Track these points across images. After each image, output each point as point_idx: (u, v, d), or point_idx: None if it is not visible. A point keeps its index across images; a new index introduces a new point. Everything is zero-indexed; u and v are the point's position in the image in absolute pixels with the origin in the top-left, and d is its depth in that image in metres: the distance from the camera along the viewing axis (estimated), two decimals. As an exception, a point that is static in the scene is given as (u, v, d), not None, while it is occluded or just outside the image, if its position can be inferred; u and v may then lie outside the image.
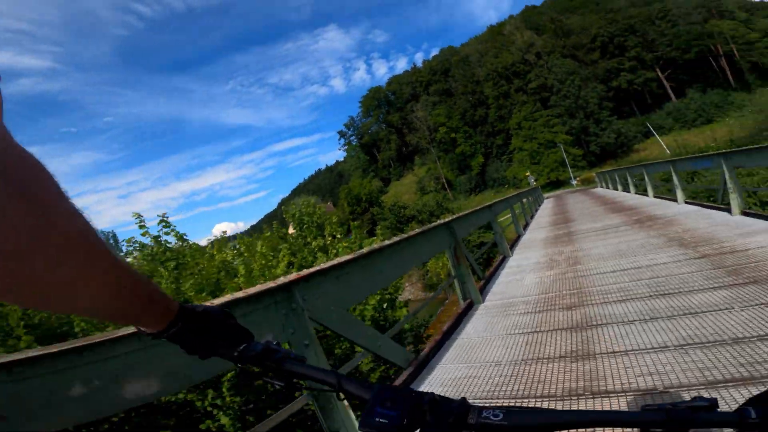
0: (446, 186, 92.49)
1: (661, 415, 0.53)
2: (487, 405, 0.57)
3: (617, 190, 20.68)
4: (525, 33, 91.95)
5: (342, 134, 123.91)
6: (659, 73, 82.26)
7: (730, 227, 5.74)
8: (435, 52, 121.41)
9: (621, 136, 71.95)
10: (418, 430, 0.54)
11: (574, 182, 58.43)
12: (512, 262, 7.58)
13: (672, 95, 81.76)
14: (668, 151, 60.94)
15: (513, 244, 9.92)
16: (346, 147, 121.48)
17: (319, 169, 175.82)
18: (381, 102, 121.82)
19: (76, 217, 0.35)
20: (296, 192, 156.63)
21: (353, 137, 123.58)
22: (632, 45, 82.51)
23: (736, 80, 79.04)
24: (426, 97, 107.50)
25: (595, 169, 65.63)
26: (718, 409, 0.53)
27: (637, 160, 49.76)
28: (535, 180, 69.75)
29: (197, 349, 0.69)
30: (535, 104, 79.35)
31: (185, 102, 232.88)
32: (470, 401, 0.57)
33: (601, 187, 27.03)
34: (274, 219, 41.11)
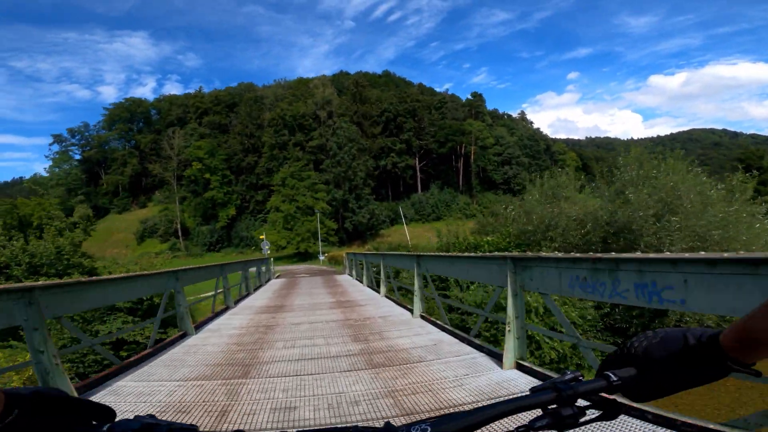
0: (179, 233, 69.38)
1: (549, 393, 0.58)
2: (410, 421, 0.56)
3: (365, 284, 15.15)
4: (328, 89, 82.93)
5: (59, 139, 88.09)
6: (417, 163, 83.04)
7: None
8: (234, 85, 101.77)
9: (373, 218, 66.64)
10: None
11: (322, 257, 45.23)
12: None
13: (419, 187, 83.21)
14: (409, 241, 54.73)
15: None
16: (56, 155, 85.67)
17: (21, 178, 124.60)
18: (136, 117, 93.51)
19: None
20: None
21: (75, 147, 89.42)
22: (408, 128, 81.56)
23: (464, 184, 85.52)
24: (195, 126, 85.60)
25: (344, 248, 56.22)
26: (583, 379, 0.60)
27: (384, 246, 41.35)
28: (269, 248, 54.94)
29: None
30: (308, 164, 67.36)
31: None
32: (390, 421, 0.54)
33: (349, 274, 21.18)
34: None
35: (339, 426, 0.55)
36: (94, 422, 0.60)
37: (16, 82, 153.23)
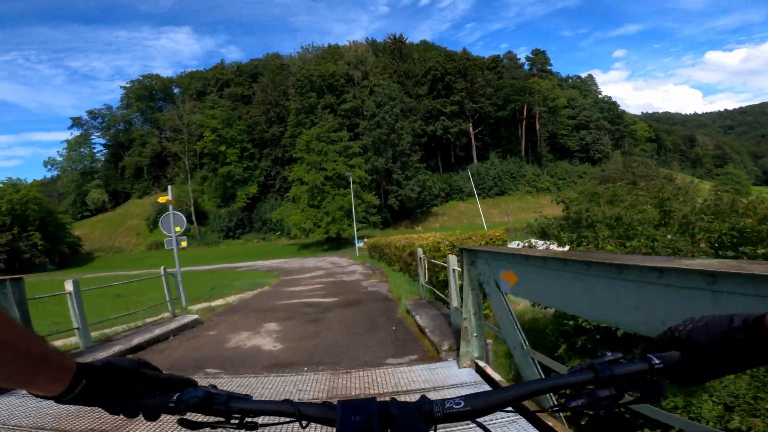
0: (193, 218, 56.61)
1: (588, 373, 0.56)
2: (445, 396, 0.57)
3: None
4: (361, 47, 67.58)
5: (78, 122, 77.81)
6: (471, 128, 66.23)
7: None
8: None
9: (425, 192, 50.91)
10: None
11: (360, 244, 30.30)
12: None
13: (475, 156, 67.51)
14: (485, 226, 38.80)
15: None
16: (71, 137, 75.45)
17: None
18: (156, 94, 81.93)
19: None
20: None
21: (96, 130, 79.05)
22: (459, 88, 64.70)
23: (529, 152, 68.04)
24: (215, 98, 72.53)
25: (389, 231, 41.02)
26: (623, 360, 0.58)
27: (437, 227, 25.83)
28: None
29: (118, 408, 0.57)
30: (340, 128, 52.20)
31: None
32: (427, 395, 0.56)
33: (458, 307, 4.67)
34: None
35: (379, 400, 0.55)
36: (167, 392, 0.60)
37: (74, 81, 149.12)
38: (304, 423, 0.57)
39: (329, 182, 40.84)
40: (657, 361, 0.57)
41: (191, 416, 0.57)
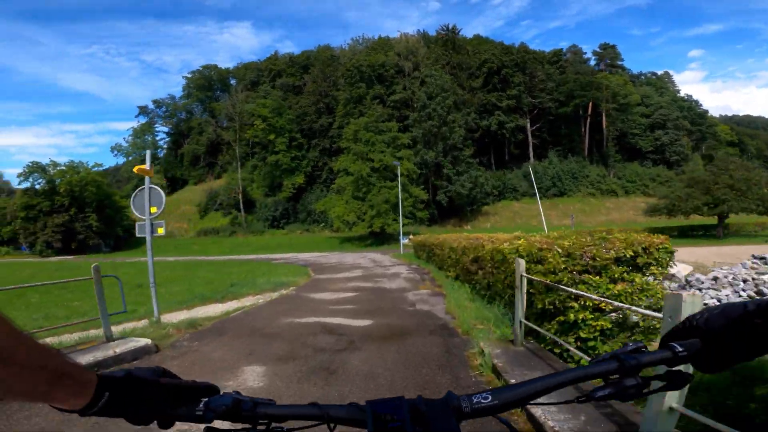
0: (241, 206, 56.52)
1: (613, 363, 0.56)
2: (471, 391, 0.55)
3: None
4: (411, 39, 64.79)
5: (144, 111, 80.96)
6: (529, 125, 61.07)
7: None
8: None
9: (476, 188, 47.01)
10: None
11: (405, 240, 27.58)
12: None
13: (531, 154, 62.19)
14: (546, 229, 34.71)
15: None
16: (135, 126, 78.63)
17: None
18: (213, 84, 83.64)
19: None
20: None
21: (159, 119, 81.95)
22: (517, 82, 59.89)
23: (593, 151, 61.52)
24: (268, 88, 72.44)
25: (435, 228, 38.19)
26: (646, 350, 0.58)
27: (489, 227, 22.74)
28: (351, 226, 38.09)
29: (145, 418, 0.56)
30: (389, 119, 49.55)
31: (24, 52, 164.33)
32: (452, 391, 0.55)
33: None
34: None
35: (407, 398, 0.54)
36: (192, 400, 0.58)
37: (147, 74, 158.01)
38: (332, 426, 0.56)
39: (375, 174, 38.38)
40: (680, 349, 0.57)
41: (215, 423, 0.56)
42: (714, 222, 33.56)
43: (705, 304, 1.96)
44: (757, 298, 0.87)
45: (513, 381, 3.08)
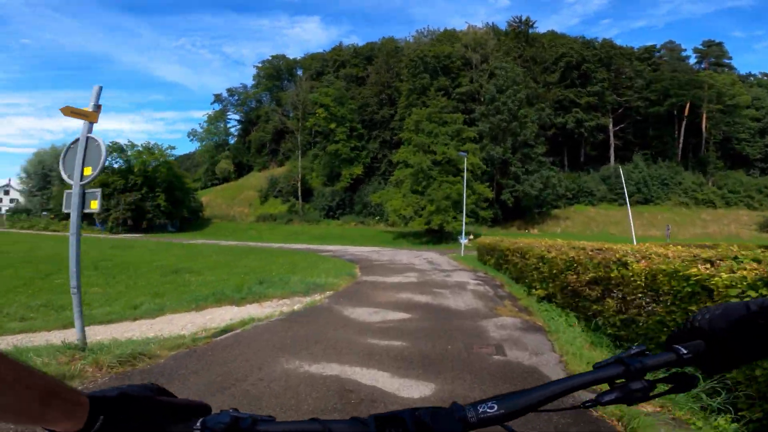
0: (299, 194, 56.26)
1: (618, 367, 0.55)
2: (478, 400, 0.54)
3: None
4: (480, 31, 60.91)
5: (219, 98, 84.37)
6: (611, 124, 54.41)
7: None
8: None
9: (548, 190, 42.82)
10: None
11: (465, 240, 24.63)
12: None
13: (612, 156, 55.42)
14: (635, 239, 29.77)
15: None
16: (210, 113, 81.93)
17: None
18: (281, 74, 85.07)
19: None
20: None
21: (232, 107, 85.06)
22: (599, 79, 53.65)
23: (689, 157, 53.20)
24: (332, 78, 71.80)
25: (496, 229, 34.75)
26: (650, 353, 0.58)
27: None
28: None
29: None
30: (454, 111, 46.26)
31: (123, 44, 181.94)
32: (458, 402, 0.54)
33: None
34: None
35: (412, 407, 0.52)
36: (185, 419, 0.55)
37: (227, 65, 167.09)
38: None
39: (437, 167, 35.52)
40: (684, 351, 0.56)
41: None
42: None
43: None
44: (759, 299, 0.61)
45: None
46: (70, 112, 3.65)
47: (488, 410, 0.52)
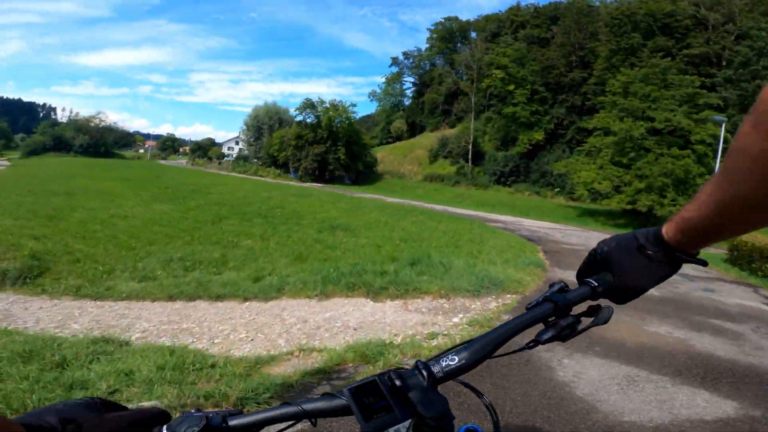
0: (469, 157, 53.01)
1: (548, 305, 0.57)
2: (437, 354, 0.55)
3: None
4: None
5: (395, 61, 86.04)
6: None
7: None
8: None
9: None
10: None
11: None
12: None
13: None
14: None
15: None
16: (388, 76, 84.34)
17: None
18: (454, 36, 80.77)
19: None
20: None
21: (407, 69, 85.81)
22: None
23: None
24: (509, 40, 63.62)
25: None
26: (568, 288, 0.60)
27: None
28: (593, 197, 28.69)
29: None
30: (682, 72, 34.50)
31: (321, 14, 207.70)
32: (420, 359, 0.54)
33: None
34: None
35: (379, 373, 0.52)
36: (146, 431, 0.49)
37: (404, 33, 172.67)
38: (314, 421, 0.50)
39: (655, 137, 27.37)
40: (596, 284, 0.58)
41: None
42: None
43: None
44: (642, 229, 0.67)
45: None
46: None
47: (451, 363, 0.53)
